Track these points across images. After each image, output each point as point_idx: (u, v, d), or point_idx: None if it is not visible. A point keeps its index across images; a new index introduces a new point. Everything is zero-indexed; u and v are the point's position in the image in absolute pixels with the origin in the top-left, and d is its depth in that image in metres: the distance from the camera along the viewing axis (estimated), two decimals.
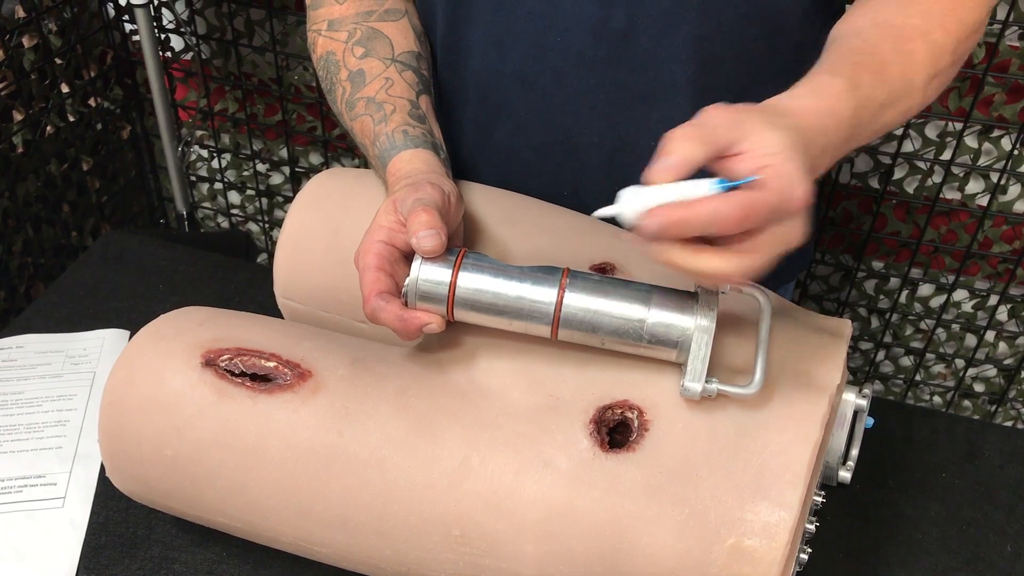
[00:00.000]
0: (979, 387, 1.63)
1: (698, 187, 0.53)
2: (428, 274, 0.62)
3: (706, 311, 0.60)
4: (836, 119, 0.60)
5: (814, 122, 0.59)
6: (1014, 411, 1.63)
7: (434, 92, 0.82)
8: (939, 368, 1.64)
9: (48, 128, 1.48)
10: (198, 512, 0.68)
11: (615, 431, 0.63)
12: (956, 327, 1.57)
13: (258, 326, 0.70)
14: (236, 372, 0.66)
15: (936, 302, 1.57)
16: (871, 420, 0.76)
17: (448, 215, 0.64)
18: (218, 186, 1.80)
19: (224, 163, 1.77)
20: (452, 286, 0.62)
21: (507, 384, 0.65)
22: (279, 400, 0.64)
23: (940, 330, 1.58)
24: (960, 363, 1.59)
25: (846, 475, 0.75)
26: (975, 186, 1.44)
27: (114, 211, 1.70)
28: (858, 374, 1.67)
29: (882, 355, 1.65)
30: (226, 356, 0.66)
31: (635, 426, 0.62)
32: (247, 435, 0.64)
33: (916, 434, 0.87)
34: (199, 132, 1.73)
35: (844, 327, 0.69)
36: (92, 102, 1.59)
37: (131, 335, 0.93)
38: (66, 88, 1.52)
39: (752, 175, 0.53)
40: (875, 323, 1.63)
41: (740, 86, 0.77)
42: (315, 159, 1.72)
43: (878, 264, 1.56)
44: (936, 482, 0.83)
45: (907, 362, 1.65)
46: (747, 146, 0.54)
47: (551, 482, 0.60)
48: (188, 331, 0.68)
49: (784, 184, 0.52)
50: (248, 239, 1.84)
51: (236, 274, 1.03)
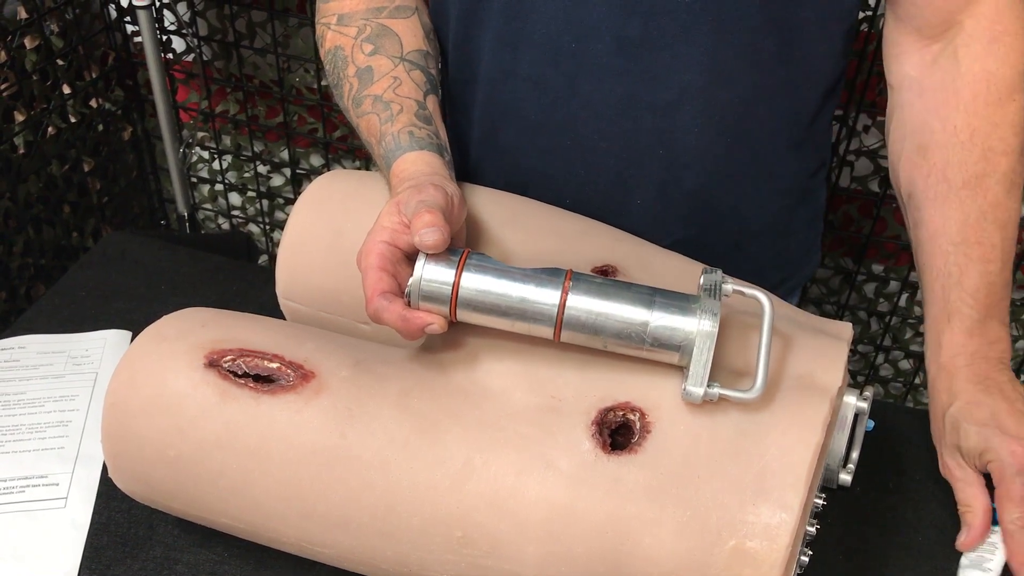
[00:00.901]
0: None
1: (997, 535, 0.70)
2: (432, 274, 0.62)
3: (709, 315, 0.60)
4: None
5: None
6: None
7: (443, 90, 0.82)
8: None
9: (49, 129, 1.48)
10: (200, 513, 0.68)
11: (617, 433, 0.63)
12: None
13: (261, 327, 0.70)
14: (239, 373, 0.66)
15: None
16: (872, 423, 0.76)
17: (451, 217, 0.65)
18: (219, 188, 1.81)
19: (225, 165, 1.77)
20: (455, 286, 0.62)
21: (509, 385, 0.65)
22: (282, 401, 0.64)
23: None
24: None
25: (847, 478, 0.75)
26: None
27: (115, 212, 1.70)
28: (858, 377, 1.68)
29: (882, 358, 1.66)
30: (229, 357, 0.66)
31: (637, 428, 0.62)
32: (250, 436, 0.64)
33: (917, 437, 0.87)
34: (200, 134, 1.73)
35: (845, 330, 0.70)
36: (93, 103, 1.59)
37: (133, 336, 0.93)
38: (67, 89, 1.52)
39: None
40: (875, 326, 1.63)
41: (751, 97, 0.77)
42: (316, 161, 1.72)
43: (878, 267, 1.57)
44: (937, 485, 0.83)
45: (906, 365, 1.65)
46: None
47: (553, 483, 0.60)
48: (191, 332, 0.68)
49: None
50: (249, 241, 1.84)
51: (237, 275, 1.03)
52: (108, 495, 0.78)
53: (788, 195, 0.87)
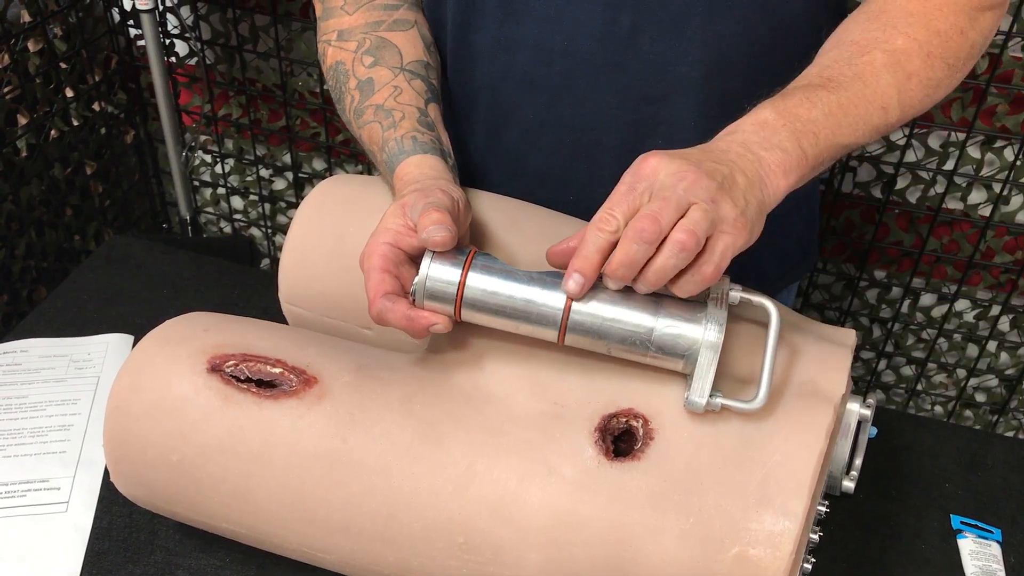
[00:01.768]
0: (980, 397, 1.63)
1: None
2: (437, 273, 0.62)
3: (715, 324, 0.60)
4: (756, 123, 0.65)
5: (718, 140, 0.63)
6: (1016, 421, 1.63)
7: (445, 97, 0.82)
8: (941, 378, 1.64)
9: (52, 132, 1.48)
10: (202, 518, 0.68)
11: (620, 439, 0.63)
12: (958, 337, 1.57)
13: (263, 332, 0.70)
14: (241, 378, 0.66)
15: (938, 312, 1.57)
16: (874, 430, 0.76)
17: (456, 221, 0.65)
18: (221, 191, 1.81)
19: (227, 168, 1.78)
20: (461, 286, 0.62)
21: (512, 391, 0.65)
22: (284, 406, 0.64)
23: (942, 340, 1.58)
24: (962, 373, 1.59)
25: (850, 485, 0.75)
26: (977, 196, 1.44)
27: (117, 215, 1.70)
28: (860, 383, 1.67)
29: (884, 364, 1.65)
30: (231, 362, 0.66)
31: (640, 435, 0.62)
32: (252, 441, 0.64)
33: (919, 444, 0.87)
34: (203, 137, 1.73)
35: (848, 337, 0.69)
36: (96, 107, 1.59)
37: (135, 340, 0.93)
38: (70, 92, 1.52)
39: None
40: (877, 332, 1.63)
41: (749, 86, 0.77)
42: (318, 165, 1.72)
43: (880, 273, 1.56)
44: (939, 492, 0.83)
45: (909, 372, 1.65)
46: None
47: (556, 490, 0.60)
48: (193, 336, 0.68)
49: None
50: (251, 244, 1.84)
51: (240, 279, 1.04)
52: (110, 499, 0.78)
53: None
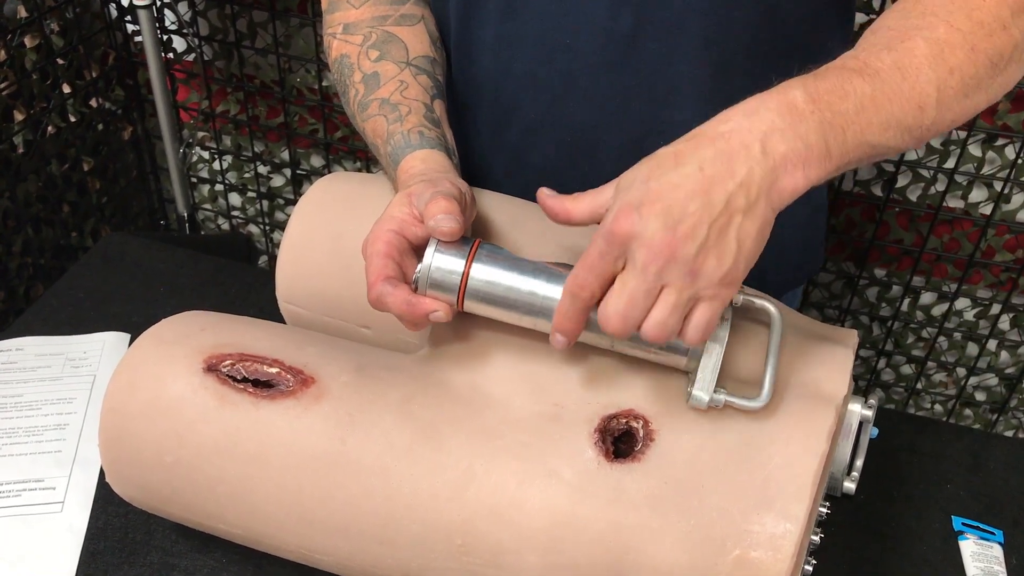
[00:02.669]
0: (980, 396, 1.63)
1: None
2: (441, 262, 0.61)
3: (720, 320, 0.60)
4: (779, 106, 0.58)
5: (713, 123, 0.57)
6: (1015, 420, 1.63)
7: (448, 94, 0.82)
8: (941, 377, 1.64)
9: (49, 128, 1.48)
10: (198, 518, 0.68)
11: (620, 440, 0.62)
12: (958, 336, 1.57)
13: (260, 331, 0.69)
14: (238, 378, 0.65)
15: (938, 310, 1.56)
16: (876, 430, 0.76)
17: (463, 213, 0.64)
18: (219, 188, 1.80)
19: (225, 165, 1.77)
20: (465, 275, 0.61)
21: (511, 392, 0.64)
22: (281, 407, 0.63)
23: (942, 338, 1.58)
24: (962, 372, 1.59)
25: (851, 486, 0.75)
26: (978, 195, 1.43)
27: (114, 212, 1.69)
28: (859, 382, 1.67)
29: (883, 363, 1.65)
30: (228, 361, 0.66)
31: (640, 436, 0.61)
32: (249, 442, 0.63)
33: (920, 445, 0.87)
34: (200, 134, 1.73)
35: (850, 337, 0.69)
36: (93, 103, 1.59)
37: (131, 338, 0.93)
38: (67, 88, 1.51)
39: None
40: (877, 331, 1.63)
41: (754, 84, 0.77)
42: (316, 162, 1.71)
43: (880, 272, 1.56)
44: (940, 493, 0.83)
45: (908, 370, 1.65)
46: None
47: (555, 492, 0.60)
48: (190, 336, 0.68)
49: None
50: (249, 242, 1.83)
51: (237, 277, 1.03)
52: (105, 499, 0.77)
53: None
